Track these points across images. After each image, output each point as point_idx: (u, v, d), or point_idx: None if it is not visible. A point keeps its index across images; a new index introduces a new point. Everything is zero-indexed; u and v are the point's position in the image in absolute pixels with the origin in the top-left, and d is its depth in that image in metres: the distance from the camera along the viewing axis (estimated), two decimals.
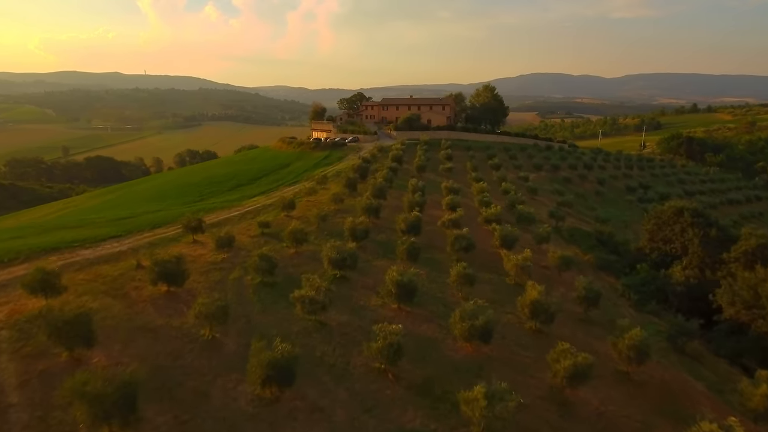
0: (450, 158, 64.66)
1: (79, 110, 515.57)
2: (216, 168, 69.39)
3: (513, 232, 33.09)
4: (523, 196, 49.91)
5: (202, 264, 25.62)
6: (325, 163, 61.94)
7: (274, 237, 31.74)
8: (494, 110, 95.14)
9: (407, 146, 69.41)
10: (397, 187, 49.97)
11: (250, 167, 63.24)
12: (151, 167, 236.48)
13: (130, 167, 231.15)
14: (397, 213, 40.56)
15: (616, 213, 58.44)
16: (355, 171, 50.39)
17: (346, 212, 39.01)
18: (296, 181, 52.55)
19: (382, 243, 33.14)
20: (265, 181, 53.32)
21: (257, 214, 38.30)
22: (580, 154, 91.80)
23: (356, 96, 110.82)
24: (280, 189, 48.81)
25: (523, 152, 80.00)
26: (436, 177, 58.24)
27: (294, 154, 70.35)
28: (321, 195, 44.52)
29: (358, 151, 69.33)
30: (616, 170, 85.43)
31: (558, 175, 71.75)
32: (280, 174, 57.22)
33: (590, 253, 36.06)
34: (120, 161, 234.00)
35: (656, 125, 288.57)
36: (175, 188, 56.47)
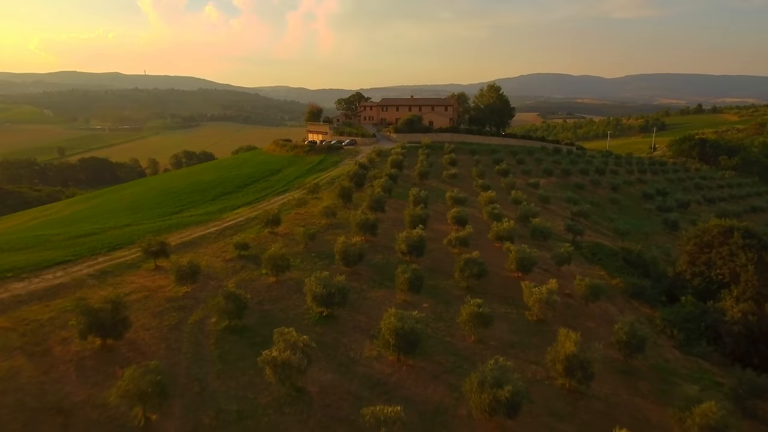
0: (454, 163, 60.07)
1: (78, 110, 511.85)
2: (203, 173, 64.85)
3: (530, 255, 28.47)
4: (535, 205, 45.26)
5: (157, 301, 21.02)
6: (319, 169, 57.36)
7: (253, 260, 27.16)
8: (500, 111, 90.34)
9: (408, 150, 64.84)
10: (397, 196, 45.41)
11: (238, 173, 58.67)
12: (146, 168, 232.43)
13: (125, 168, 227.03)
14: (397, 228, 36.01)
15: (634, 223, 53.82)
16: (351, 178, 45.82)
17: (339, 228, 34.47)
18: (286, 189, 47.97)
19: (380, 267, 28.53)
20: (253, 190, 48.73)
21: (238, 230, 33.72)
22: (590, 158, 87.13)
23: (354, 96, 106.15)
24: (268, 199, 44.22)
25: (530, 156, 75.37)
26: (439, 184, 53.66)
27: (286, 159, 65.77)
28: (312, 207, 39.93)
29: (355, 155, 64.74)
30: (629, 175, 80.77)
31: (569, 181, 67.12)
32: (270, 181, 52.62)
33: (618, 277, 31.42)
34: (115, 162, 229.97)
35: (661, 126, 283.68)
36: (156, 196, 51.93)
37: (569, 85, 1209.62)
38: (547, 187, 61.28)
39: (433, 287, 26.53)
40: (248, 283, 24.25)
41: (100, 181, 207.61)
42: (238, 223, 35.52)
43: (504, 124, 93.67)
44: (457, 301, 25.29)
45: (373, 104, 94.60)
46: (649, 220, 57.03)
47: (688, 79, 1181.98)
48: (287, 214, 37.97)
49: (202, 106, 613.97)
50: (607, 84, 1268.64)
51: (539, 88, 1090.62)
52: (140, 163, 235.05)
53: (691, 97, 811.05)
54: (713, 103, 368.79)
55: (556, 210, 52.94)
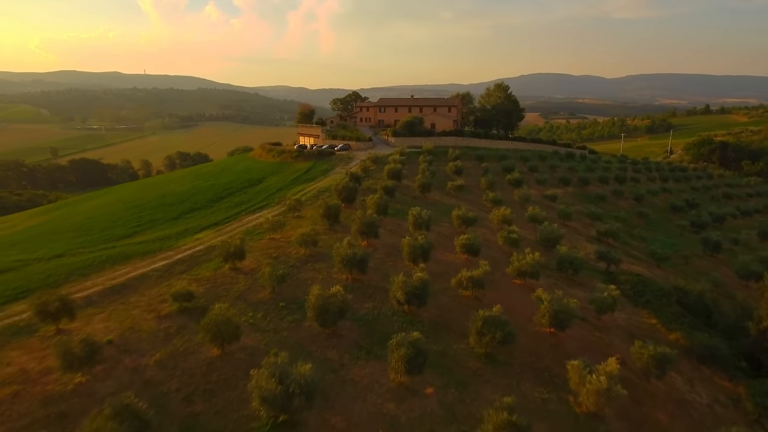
0: (460, 172, 53.01)
1: (75, 110, 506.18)
2: (177, 182, 57.79)
3: (567, 308, 21.43)
4: (557, 225, 38.21)
5: (29, 404, 13.99)
6: (306, 179, 50.29)
7: (197, 316, 20.16)
8: (508, 112, 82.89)
9: (407, 156, 57.79)
10: (394, 213, 38.39)
11: (215, 183, 51.65)
12: (138, 170, 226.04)
13: (116, 170, 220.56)
14: (392, 260, 29.04)
15: (668, 242, 46.82)
16: (339, 193, 38.75)
17: (321, 260, 27.51)
18: (264, 205, 40.92)
19: (368, 322, 21.54)
20: (226, 205, 41.70)
21: (192, 264, 26.71)
22: (606, 164, 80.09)
23: (351, 96, 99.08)
24: (240, 218, 37.17)
25: (543, 162, 68.34)
26: (443, 197, 46.60)
27: (272, 166, 58.70)
28: (290, 229, 32.92)
29: (348, 162, 57.68)
30: (650, 183, 73.70)
31: (588, 191, 60.06)
32: (248, 194, 45.58)
33: (676, 329, 24.36)
34: (106, 164, 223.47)
35: (667, 127, 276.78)
36: (116, 211, 44.94)
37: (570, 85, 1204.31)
38: (564, 199, 54.26)
39: (439, 355, 19.55)
40: (181, 358, 17.29)
41: (91, 183, 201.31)
42: (195, 254, 28.47)
43: (512, 126, 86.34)
44: (474, 379, 18.33)
45: (370, 104, 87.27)
46: (684, 239, 49.91)
47: (689, 79, 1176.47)
48: (259, 240, 31.02)
49: (201, 106, 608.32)
50: (608, 84, 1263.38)
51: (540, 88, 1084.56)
52: (132, 165, 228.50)
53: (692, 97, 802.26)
54: (715, 103, 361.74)
55: (579, 228, 45.87)
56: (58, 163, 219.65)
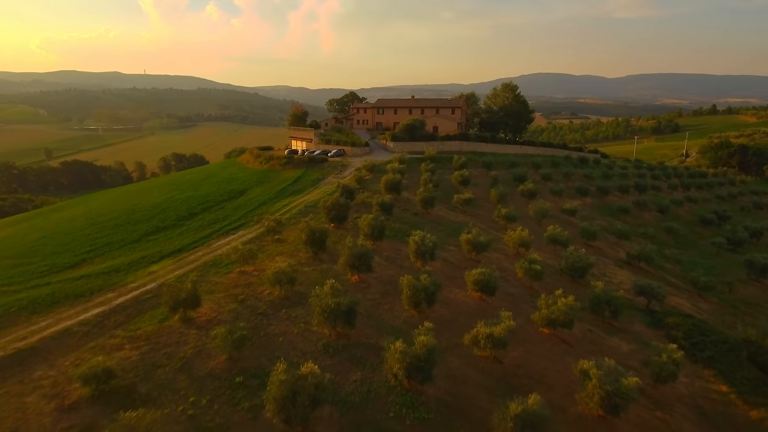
0: (466, 182, 47.27)
1: (73, 110, 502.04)
2: (151, 193, 52.06)
3: (625, 389, 15.67)
4: (584, 251, 32.46)
5: None
6: (293, 191, 44.54)
7: (122, 398, 14.54)
8: (516, 114, 76.71)
9: (407, 164, 52.13)
10: (392, 235, 32.77)
11: (192, 195, 45.97)
12: (133, 172, 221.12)
13: (110, 172, 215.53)
14: (388, 302, 23.34)
15: (705, 265, 41.02)
16: (328, 211, 33.03)
17: (299, 304, 21.91)
18: (241, 224, 35.22)
19: (354, 407, 15.82)
20: (197, 224, 36.00)
21: (134, 314, 21.03)
22: (622, 169, 74.28)
23: (348, 96, 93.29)
24: (210, 242, 31.47)
25: (556, 169, 62.59)
26: (449, 213, 40.87)
27: (257, 175, 53.00)
28: (266, 259, 27.30)
29: (342, 170, 51.98)
30: (672, 191, 67.88)
31: (608, 203, 54.30)
32: (226, 209, 39.85)
33: (759, 404, 18.57)
34: (99, 166, 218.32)
35: (674, 128, 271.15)
36: (72, 230, 39.29)
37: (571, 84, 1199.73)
38: (583, 212, 48.49)
39: None
40: None
41: (83, 185, 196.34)
42: (141, 296, 22.79)
43: (521, 129, 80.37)
44: None
45: (368, 106, 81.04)
46: (721, 259, 44.11)
47: (690, 79, 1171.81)
48: (226, 274, 25.34)
49: (200, 106, 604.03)
50: (609, 84, 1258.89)
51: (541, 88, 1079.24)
52: (126, 167, 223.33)
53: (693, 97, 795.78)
54: (716, 103, 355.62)
55: (604, 248, 40.10)
56: (50, 165, 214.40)
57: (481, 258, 30.84)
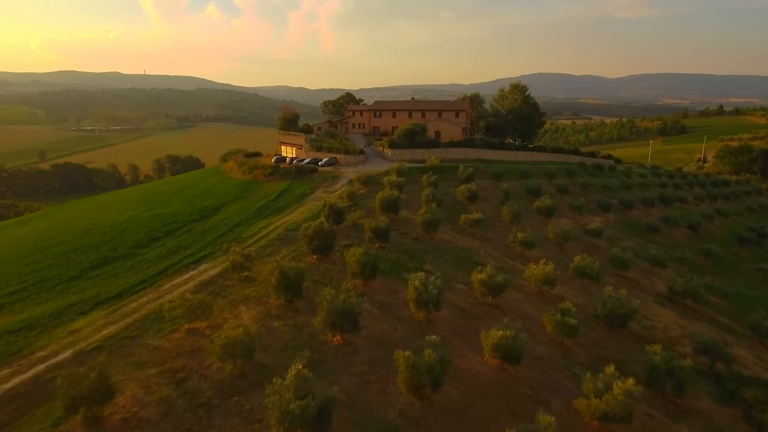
0: (474, 197, 41.25)
1: (71, 111, 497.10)
2: (116, 208, 46.03)
3: None
4: (625, 292, 26.47)
5: None
6: (275, 208, 38.53)
7: None
8: (527, 118, 70.50)
9: (407, 174, 46.19)
10: (387, 270, 26.94)
11: (161, 212, 40.01)
12: (126, 174, 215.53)
13: (102, 175, 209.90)
14: (379, 380, 17.32)
15: (755, 297, 34.97)
16: (310, 240, 27.04)
17: (254, 389, 15.90)
18: (206, 254, 29.24)
19: None
20: (155, 253, 30.05)
21: (26, 409, 15.04)
22: (641, 177, 68.25)
23: (344, 97, 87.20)
24: (163, 281, 25.49)
25: (571, 179, 56.60)
26: (456, 236, 34.86)
27: (238, 187, 47.04)
28: (223, 311, 21.37)
29: (333, 181, 46.01)
30: (698, 202, 61.85)
31: (633, 218, 48.33)
32: (194, 232, 33.87)
33: None
34: (91, 168, 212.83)
35: (681, 129, 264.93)
36: (9, 258, 33.35)
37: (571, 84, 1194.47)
38: (607, 230, 42.47)
39: None
40: None
41: (75, 188, 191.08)
42: (44, 375, 16.77)
43: (531, 134, 74.22)
44: None
45: (364, 108, 73.49)
46: None
47: (691, 79, 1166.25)
48: (170, 333, 19.40)
49: (199, 106, 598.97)
50: (610, 84, 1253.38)
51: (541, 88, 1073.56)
52: (119, 169, 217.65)
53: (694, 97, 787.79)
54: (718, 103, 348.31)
55: (638, 279, 34.08)
56: (39, 168, 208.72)
57: (498, 302, 24.87)
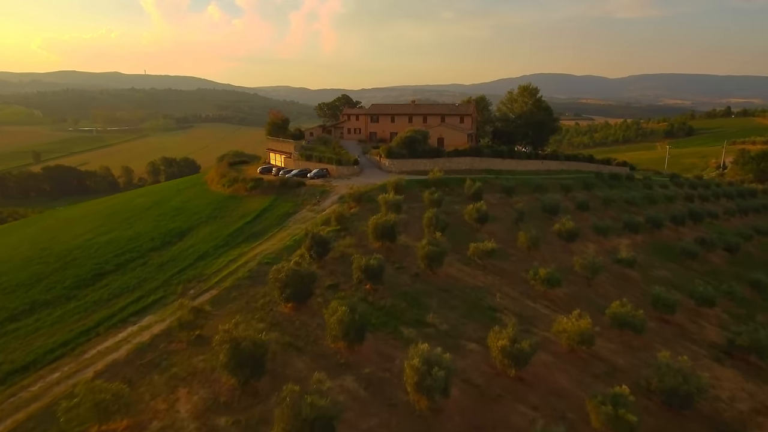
0: (485, 218, 35.45)
1: (69, 111, 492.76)
2: (73, 229, 40.31)
3: None
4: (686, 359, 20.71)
5: None
6: (250, 233, 32.77)
7: None
8: (538, 124, 64.50)
9: (407, 188, 40.48)
10: (379, 324, 21.27)
11: (119, 235, 34.33)
12: (119, 177, 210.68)
13: (95, 178, 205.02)
14: None
15: None
16: (283, 287, 21.31)
17: None
18: (156, 300, 23.52)
19: None
20: (94, 297, 24.37)
21: None
22: (663, 187, 62.50)
23: (340, 99, 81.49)
24: (88, 344, 19.75)
25: (589, 192, 50.82)
26: (463, 271, 29.07)
27: (215, 203, 41.32)
28: (151, 402, 15.65)
29: (322, 198, 40.22)
30: (729, 217, 56.01)
31: (663, 239, 42.58)
32: (148, 266, 28.14)
33: None
34: (84, 171, 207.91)
35: (688, 131, 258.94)
36: None
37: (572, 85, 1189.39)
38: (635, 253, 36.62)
39: None
40: None
41: (66, 191, 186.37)
42: None
43: (543, 141, 68.19)
44: None
45: (360, 112, 67.47)
46: None
47: (692, 79, 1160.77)
48: None
49: (198, 107, 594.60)
50: (611, 84, 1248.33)
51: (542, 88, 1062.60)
52: (112, 172, 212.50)
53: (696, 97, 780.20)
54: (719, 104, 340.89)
55: (684, 324, 28.26)
56: (30, 170, 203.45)
57: (524, 373, 19.11)
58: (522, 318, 24.53)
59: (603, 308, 27.80)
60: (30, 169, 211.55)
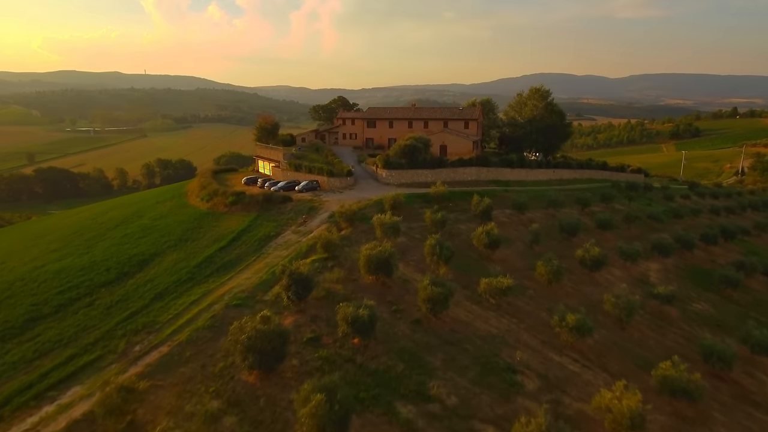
0: (496, 243, 30.57)
1: (67, 111, 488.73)
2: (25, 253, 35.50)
3: None
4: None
5: None
6: (221, 263, 27.93)
7: None
8: (550, 129, 59.19)
9: (406, 206, 35.69)
10: (368, 401, 16.41)
11: (71, 264, 29.58)
12: (113, 180, 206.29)
13: (88, 180, 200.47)
14: None
15: None
16: (245, 352, 16.50)
17: None
18: (89, 362, 18.68)
19: None
20: (13, 357, 19.42)
21: None
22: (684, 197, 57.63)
23: (335, 101, 76.61)
24: None
25: (607, 205, 46.00)
26: (473, 313, 24.20)
27: (189, 221, 36.50)
28: None
29: (309, 216, 35.33)
30: (759, 232, 51.15)
31: (696, 263, 37.65)
32: (93, 309, 23.35)
33: None
34: (77, 173, 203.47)
35: (694, 132, 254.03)
36: None
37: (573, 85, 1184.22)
38: (667, 280, 31.82)
39: None
40: None
41: (59, 194, 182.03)
42: None
43: (555, 148, 62.99)
44: None
45: (356, 116, 62.37)
46: None
47: (693, 80, 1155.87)
48: None
49: (198, 107, 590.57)
50: (612, 84, 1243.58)
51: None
52: (106, 174, 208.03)
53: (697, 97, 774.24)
54: (721, 104, 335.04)
55: (741, 380, 23.37)
56: (22, 173, 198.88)
57: None
58: (548, 381, 19.75)
59: (642, 360, 23.03)
60: (22, 171, 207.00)
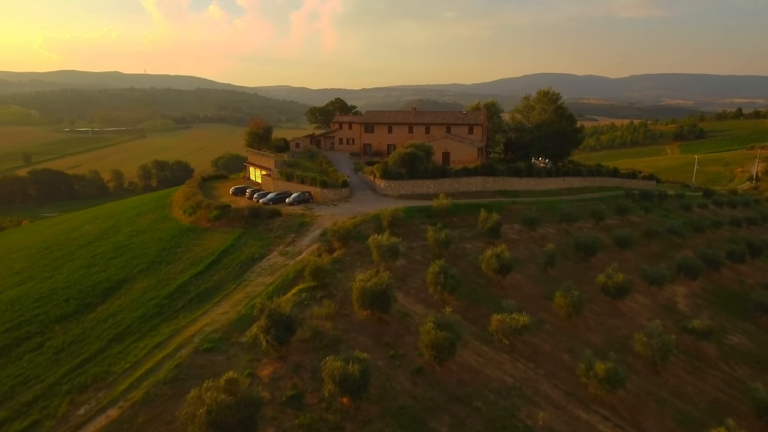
0: (508, 269, 27.10)
1: (66, 111, 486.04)
2: None
3: None
4: None
5: None
6: (197, 292, 24.56)
7: None
8: (560, 135, 55.40)
9: (406, 222, 32.31)
10: None
11: (29, 292, 26.28)
12: (109, 182, 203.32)
13: (83, 182, 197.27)
14: None
15: None
16: (206, 430, 13.08)
17: None
18: (27, 428, 15.32)
19: None
20: None
21: None
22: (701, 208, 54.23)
23: (332, 104, 73.14)
24: None
25: (623, 218, 42.61)
26: (483, 358, 20.80)
27: (167, 238, 33.17)
28: None
29: (299, 234, 31.93)
30: None
31: (726, 286, 34.16)
32: (40, 355, 19.92)
33: None
34: (72, 175, 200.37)
35: (698, 133, 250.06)
36: None
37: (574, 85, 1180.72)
38: (697, 308, 28.43)
39: None
40: None
41: (54, 196, 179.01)
42: None
43: (565, 154, 59.40)
44: None
45: (353, 120, 58.56)
46: None
47: (694, 80, 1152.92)
48: None
49: (197, 107, 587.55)
50: (612, 84, 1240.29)
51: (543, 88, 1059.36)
52: (101, 176, 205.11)
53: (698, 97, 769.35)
54: (721, 104, 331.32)
55: None
56: (16, 175, 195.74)
57: None
58: None
59: (683, 415, 19.61)
60: (16, 172, 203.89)
